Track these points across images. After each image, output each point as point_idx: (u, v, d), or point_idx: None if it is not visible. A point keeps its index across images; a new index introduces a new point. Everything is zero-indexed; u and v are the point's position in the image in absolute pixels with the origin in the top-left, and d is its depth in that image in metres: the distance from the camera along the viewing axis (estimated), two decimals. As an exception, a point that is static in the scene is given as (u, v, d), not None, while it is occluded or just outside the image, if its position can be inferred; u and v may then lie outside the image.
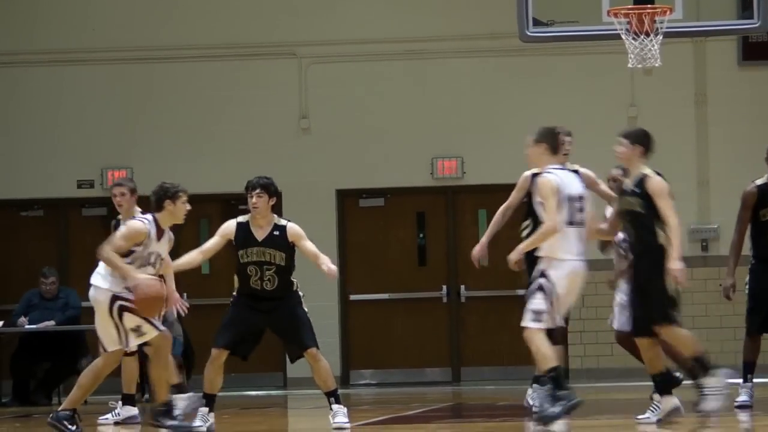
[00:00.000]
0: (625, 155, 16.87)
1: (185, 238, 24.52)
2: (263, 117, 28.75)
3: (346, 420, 17.18)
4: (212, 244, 17.44)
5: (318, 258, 17.34)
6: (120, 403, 19.99)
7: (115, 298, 16.49)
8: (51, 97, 30.16)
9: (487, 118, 28.48)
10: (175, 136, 29.04)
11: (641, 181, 16.70)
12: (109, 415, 19.91)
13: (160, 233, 16.68)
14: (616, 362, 25.06)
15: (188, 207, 17.00)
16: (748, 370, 19.06)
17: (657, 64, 21.02)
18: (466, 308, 29.85)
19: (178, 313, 19.76)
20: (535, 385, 17.65)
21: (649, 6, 20.75)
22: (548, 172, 16.29)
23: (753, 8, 21.13)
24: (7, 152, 30.04)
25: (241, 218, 17.76)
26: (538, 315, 15.61)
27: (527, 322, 15.41)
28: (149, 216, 16.84)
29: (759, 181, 19.16)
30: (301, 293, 17.51)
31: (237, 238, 17.42)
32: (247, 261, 17.28)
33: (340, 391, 17.91)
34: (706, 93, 28.47)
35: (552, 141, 16.46)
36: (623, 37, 20.69)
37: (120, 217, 19.81)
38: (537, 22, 21.20)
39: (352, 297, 28.96)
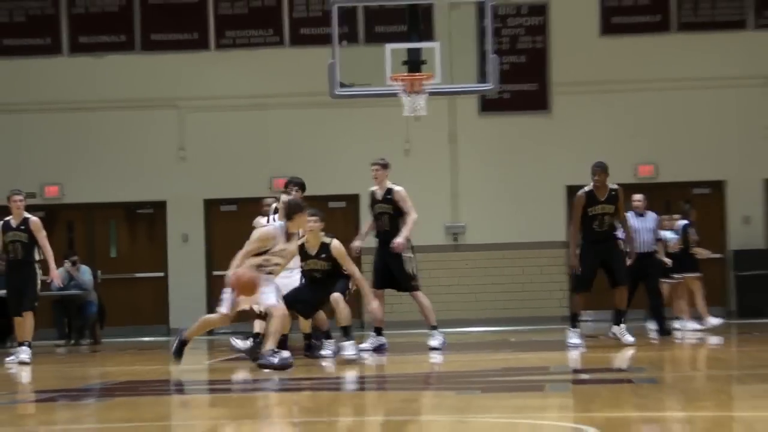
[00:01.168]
0: (380, 175, 19.92)
1: (98, 234, 27.77)
2: (154, 148, 29.43)
3: (354, 351, 17.98)
4: None
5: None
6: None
7: None
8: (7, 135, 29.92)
9: (308, 149, 29.42)
10: (95, 160, 29.25)
11: (390, 191, 19.81)
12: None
13: (289, 236, 17.01)
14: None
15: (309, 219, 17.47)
16: (575, 319, 19.86)
17: (423, 113, 21.71)
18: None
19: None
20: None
21: (417, 74, 21.21)
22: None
23: (488, 75, 21.94)
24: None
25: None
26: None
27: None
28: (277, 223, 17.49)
29: (586, 188, 19.81)
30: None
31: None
32: None
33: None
34: (456, 133, 29.32)
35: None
36: (400, 95, 21.23)
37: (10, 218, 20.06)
38: (343, 85, 21.59)
39: (215, 273, 28.82)
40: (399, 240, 19.09)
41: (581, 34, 29.59)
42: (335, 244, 17.60)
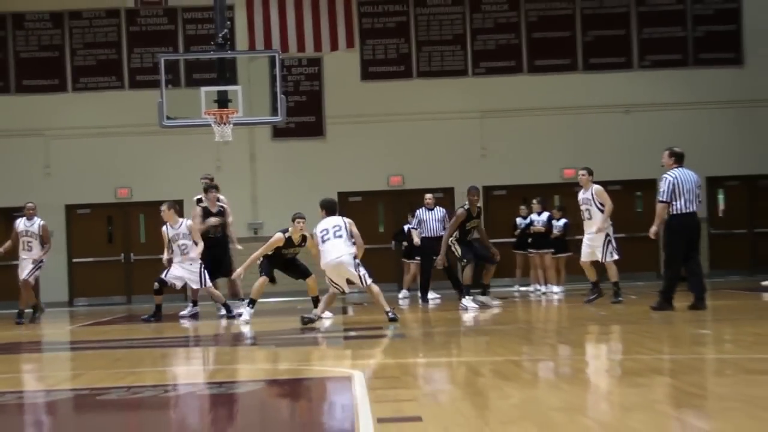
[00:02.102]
0: (212, 198, 20.94)
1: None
2: (25, 167, 29.07)
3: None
4: None
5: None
6: None
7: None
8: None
9: (144, 166, 28.91)
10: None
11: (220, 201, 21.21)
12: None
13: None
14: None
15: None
16: (468, 288, 19.93)
17: (230, 139, 22.16)
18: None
19: None
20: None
21: (225, 109, 21.47)
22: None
23: (278, 110, 22.05)
24: None
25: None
26: None
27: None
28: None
29: (465, 206, 20.19)
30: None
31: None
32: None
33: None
34: (255, 154, 29.74)
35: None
36: (212, 125, 21.55)
37: None
38: (169, 117, 21.70)
39: (75, 260, 29.39)
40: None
41: (347, 80, 29.78)
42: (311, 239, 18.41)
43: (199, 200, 21.41)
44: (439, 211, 23.98)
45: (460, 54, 30.22)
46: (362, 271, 16.96)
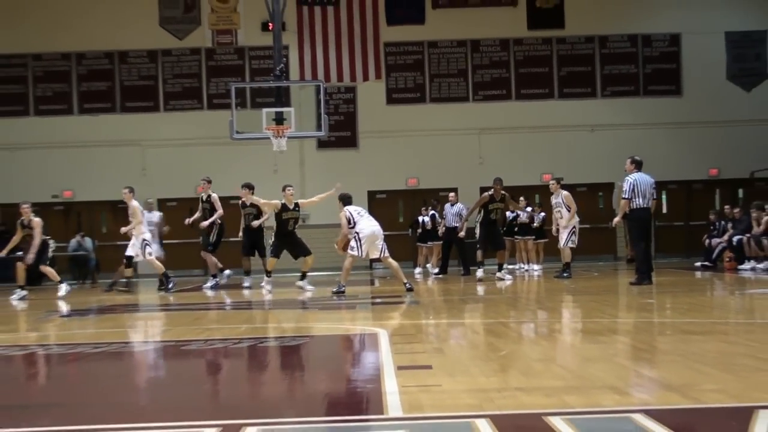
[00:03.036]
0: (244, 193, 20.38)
1: None
2: (130, 170, 28.41)
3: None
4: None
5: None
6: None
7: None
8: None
9: (221, 170, 26.98)
10: None
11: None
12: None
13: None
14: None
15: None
16: (472, 264, 20.35)
17: (285, 149, 21.64)
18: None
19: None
20: None
21: (281, 126, 21.13)
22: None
23: (322, 127, 21.67)
24: None
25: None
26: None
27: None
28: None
29: (490, 192, 19.78)
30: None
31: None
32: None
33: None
34: (304, 160, 29.28)
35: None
36: (271, 138, 21.23)
37: None
38: (238, 132, 21.37)
39: (165, 242, 27.31)
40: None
41: (375, 104, 29.56)
42: (301, 201, 19.12)
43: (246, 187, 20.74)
44: (458, 207, 23.90)
45: (463, 84, 29.99)
46: (384, 245, 17.22)
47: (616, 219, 17.68)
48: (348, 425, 5.15)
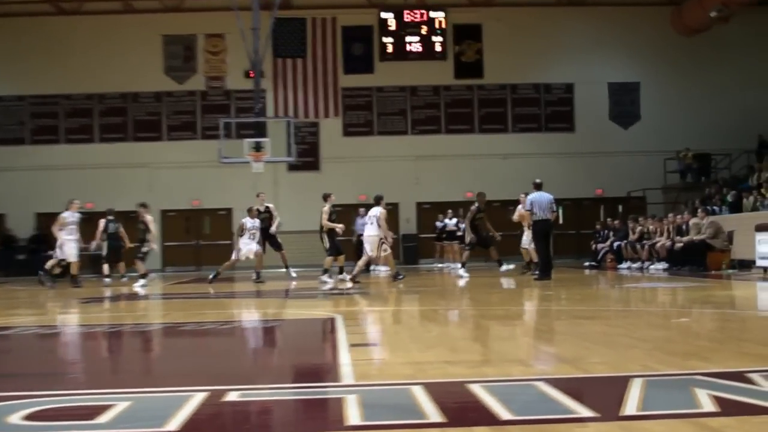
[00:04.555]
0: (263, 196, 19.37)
1: None
2: (138, 188, 27.88)
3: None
4: None
5: None
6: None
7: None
8: None
9: (213, 188, 28.36)
10: None
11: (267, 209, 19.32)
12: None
13: None
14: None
15: None
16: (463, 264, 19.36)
17: (262, 171, 22.22)
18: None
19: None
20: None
21: (259, 153, 21.21)
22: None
23: (292, 153, 22.14)
24: None
25: None
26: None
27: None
28: None
29: (477, 205, 19.28)
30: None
31: None
32: None
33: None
34: (278, 180, 28.77)
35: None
36: (251, 162, 21.37)
37: None
38: (225, 157, 21.63)
39: (166, 243, 28.26)
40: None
41: (334, 135, 29.55)
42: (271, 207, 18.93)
43: (250, 208, 19.35)
44: (454, 220, 24.26)
45: (403, 121, 29.98)
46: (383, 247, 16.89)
47: (525, 228, 17.79)
48: (311, 390, 5.13)
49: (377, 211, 17.05)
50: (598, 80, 30.32)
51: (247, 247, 18.52)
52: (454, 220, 25.05)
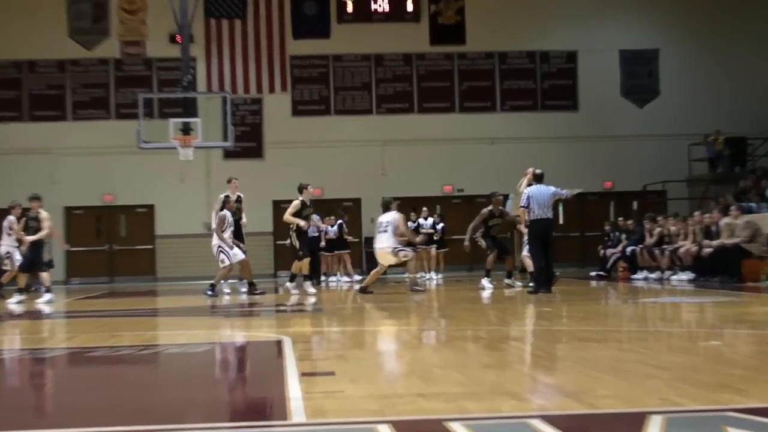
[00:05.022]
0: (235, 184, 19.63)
1: None
2: (38, 178, 27.82)
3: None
4: None
5: None
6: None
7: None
8: None
9: (133, 174, 28.55)
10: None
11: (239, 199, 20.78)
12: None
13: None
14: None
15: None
16: (488, 271, 19.10)
17: (191, 159, 22.18)
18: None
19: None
20: None
21: (188, 136, 21.38)
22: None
23: (228, 137, 22.27)
24: None
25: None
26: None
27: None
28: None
29: (490, 207, 19.25)
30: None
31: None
32: None
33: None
34: (210, 170, 28.87)
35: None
36: (178, 147, 21.52)
37: None
38: (146, 141, 21.88)
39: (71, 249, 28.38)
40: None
41: (281, 115, 29.91)
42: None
43: (227, 197, 19.38)
44: (431, 219, 24.57)
45: (367, 97, 30.31)
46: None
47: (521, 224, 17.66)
48: (252, 430, 5.07)
49: (391, 217, 17.46)
50: (608, 47, 30.49)
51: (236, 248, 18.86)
52: (431, 220, 25.12)
